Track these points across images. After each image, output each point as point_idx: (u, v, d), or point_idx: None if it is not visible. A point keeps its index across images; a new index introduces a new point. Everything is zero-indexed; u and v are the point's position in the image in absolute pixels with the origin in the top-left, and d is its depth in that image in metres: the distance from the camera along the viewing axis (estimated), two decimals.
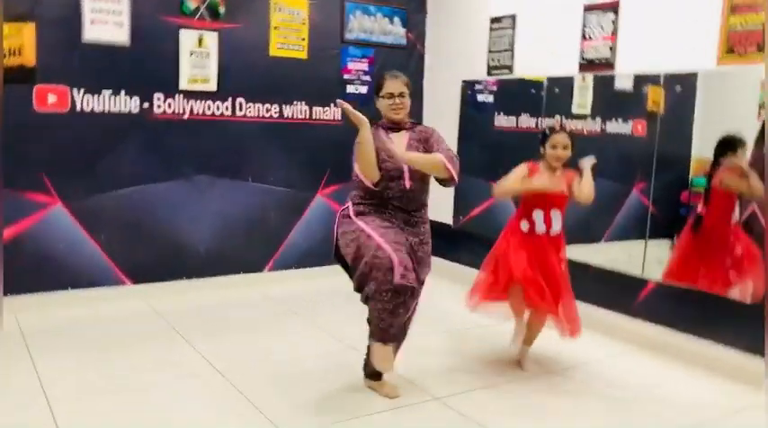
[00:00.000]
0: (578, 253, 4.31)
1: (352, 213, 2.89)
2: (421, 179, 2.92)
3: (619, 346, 3.81)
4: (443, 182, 2.91)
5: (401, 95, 2.90)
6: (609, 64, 4.02)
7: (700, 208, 3.74)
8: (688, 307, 3.64)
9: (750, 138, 3.52)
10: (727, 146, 3.55)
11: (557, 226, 3.28)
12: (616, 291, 4.01)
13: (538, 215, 3.27)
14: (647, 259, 4.02)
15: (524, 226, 3.30)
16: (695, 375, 3.41)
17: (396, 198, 2.88)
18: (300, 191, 4.93)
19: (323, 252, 3.71)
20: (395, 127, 2.96)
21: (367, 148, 2.78)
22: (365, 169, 2.83)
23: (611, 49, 3.99)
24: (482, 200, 5.05)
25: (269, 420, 2.74)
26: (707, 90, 3.85)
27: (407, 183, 2.87)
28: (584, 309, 3.36)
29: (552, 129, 3.29)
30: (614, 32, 3.97)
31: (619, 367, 3.52)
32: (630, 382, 3.33)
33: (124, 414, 2.75)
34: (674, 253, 3.96)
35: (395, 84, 2.90)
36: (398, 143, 2.89)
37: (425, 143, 2.93)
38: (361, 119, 2.76)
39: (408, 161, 2.80)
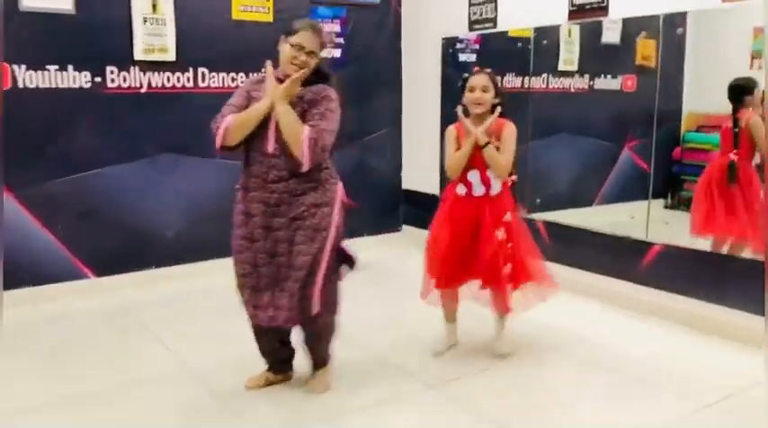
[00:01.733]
0: (571, 217, 4.12)
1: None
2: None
3: (622, 314, 3.59)
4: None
5: (310, 54, 2.42)
6: (602, 8, 3.69)
7: (733, 155, 3.51)
8: (698, 270, 3.40)
9: None
10: (742, 89, 3.45)
11: (497, 185, 2.88)
12: (617, 257, 3.76)
13: (473, 175, 2.87)
14: (645, 220, 3.78)
15: (461, 189, 2.92)
16: (708, 342, 3.20)
17: (257, 175, 2.46)
18: None
19: None
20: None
21: (256, 118, 2.42)
22: (236, 132, 2.43)
23: None
24: None
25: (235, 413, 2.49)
26: (697, 38, 3.72)
27: (270, 147, 2.42)
28: (583, 278, 3.11)
29: (470, 73, 2.91)
30: None
31: (625, 337, 3.29)
32: (640, 354, 3.09)
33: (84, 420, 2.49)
34: (700, 206, 3.70)
35: (305, 38, 2.42)
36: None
37: (310, 105, 2.43)
38: (273, 92, 2.40)
39: (277, 109, 2.39)
